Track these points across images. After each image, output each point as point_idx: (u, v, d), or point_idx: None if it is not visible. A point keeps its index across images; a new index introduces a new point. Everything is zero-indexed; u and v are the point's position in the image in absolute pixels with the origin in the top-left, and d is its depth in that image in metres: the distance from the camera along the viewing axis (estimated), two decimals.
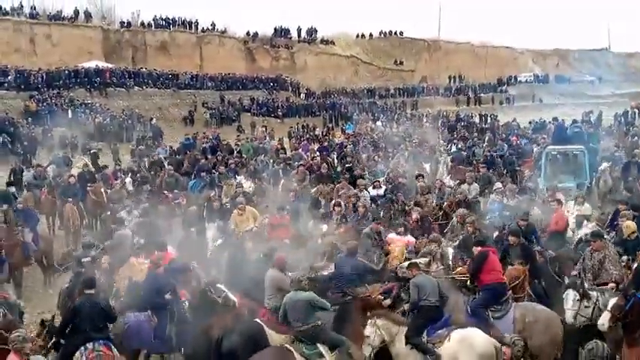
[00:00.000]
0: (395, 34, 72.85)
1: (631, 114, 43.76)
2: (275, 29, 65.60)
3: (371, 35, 72.20)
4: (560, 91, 70.35)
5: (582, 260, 11.02)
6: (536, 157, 23.67)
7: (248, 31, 64.40)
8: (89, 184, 20.49)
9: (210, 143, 31.36)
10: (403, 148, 27.61)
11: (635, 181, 19.18)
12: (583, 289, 9.99)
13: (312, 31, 67.05)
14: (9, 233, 15.14)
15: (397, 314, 10.01)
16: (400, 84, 67.14)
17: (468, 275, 10.67)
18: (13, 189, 20.19)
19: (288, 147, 32.63)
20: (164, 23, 58.13)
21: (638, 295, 9.29)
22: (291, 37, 66.42)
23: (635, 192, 17.49)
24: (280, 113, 51.22)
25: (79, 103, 40.84)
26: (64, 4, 54.85)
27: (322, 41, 67.51)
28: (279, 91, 56.76)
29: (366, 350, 9.51)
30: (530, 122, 39.25)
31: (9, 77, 40.46)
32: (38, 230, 16.76)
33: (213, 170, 22.45)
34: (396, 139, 32.07)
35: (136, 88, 47.76)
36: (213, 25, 61.37)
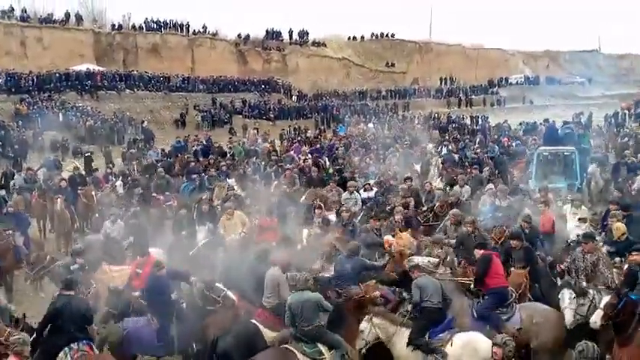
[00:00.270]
0: (386, 36, 72.95)
1: (621, 115, 44.07)
2: (267, 31, 65.56)
3: (362, 37, 72.33)
4: (550, 93, 70.61)
5: (573, 261, 11.04)
6: (528, 158, 23.78)
7: (239, 34, 64.39)
8: (80, 188, 20.40)
9: (201, 146, 31.33)
10: (394, 149, 27.65)
11: (624, 181, 19.31)
12: (579, 287, 10.06)
13: (303, 34, 67.04)
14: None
15: (395, 315, 9.93)
16: (392, 86, 67.17)
17: (471, 279, 10.66)
18: (3, 192, 20.13)
19: (279, 149, 32.57)
20: (155, 26, 58.01)
21: (631, 295, 9.35)
22: (282, 40, 66.37)
23: (626, 192, 17.59)
24: (272, 115, 51.13)
25: (70, 106, 40.76)
26: (55, 7, 54.56)
27: (314, 43, 67.50)
28: (271, 94, 56.68)
29: (359, 344, 9.52)
30: (520, 124, 39.40)
31: (0, 80, 40.31)
32: (29, 234, 16.70)
33: (204, 173, 22.39)
34: (387, 140, 32.10)
35: (128, 90, 47.65)
36: (205, 27, 61.36)
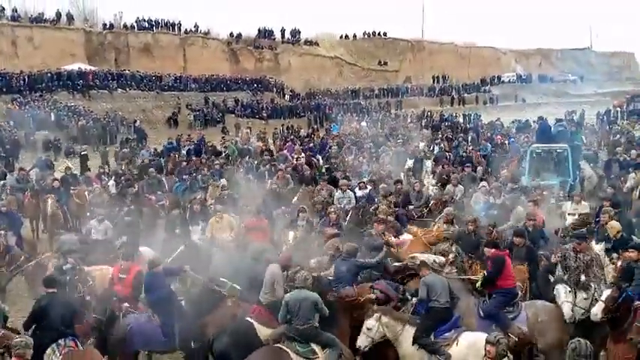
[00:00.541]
0: (379, 34, 73.08)
1: (613, 112, 44.32)
2: (259, 30, 65.54)
3: (355, 36, 72.41)
4: (542, 91, 71.04)
5: (564, 258, 11.03)
6: (521, 155, 23.82)
7: (231, 33, 64.39)
8: (72, 188, 20.32)
9: (193, 145, 31.29)
10: (387, 148, 27.64)
11: (617, 178, 19.38)
12: (581, 282, 10.08)
13: (295, 32, 67.07)
14: None
15: (402, 313, 9.89)
16: (384, 84, 67.35)
17: (477, 276, 10.59)
18: None
19: (273, 148, 32.53)
20: (147, 25, 57.91)
21: (629, 291, 9.41)
22: (274, 39, 66.39)
23: (618, 188, 17.65)
24: (265, 114, 51.19)
25: (62, 105, 40.71)
26: (46, 6, 54.45)
27: (306, 42, 67.57)
28: (264, 93, 56.74)
29: (364, 341, 9.41)
30: (513, 121, 39.47)
31: None
32: (22, 234, 16.61)
33: (195, 172, 22.33)
34: (380, 139, 32.08)
35: (120, 90, 47.63)
36: (197, 26, 61.35)
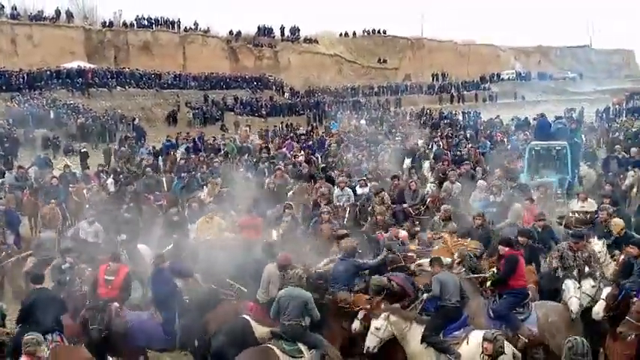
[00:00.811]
0: (378, 32, 73.01)
1: (612, 110, 44.30)
2: (258, 28, 65.42)
3: (354, 34, 72.33)
4: (542, 88, 71.00)
5: (561, 259, 10.99)
6: (520, 152, 23.83)
7: (231, 30, 64.27)
8: (71, 186, 20.32)
9: (192, 143, 31.35)
10: (386, 145, 27.65)
11: (615, 175, 19.40)
12: (584, 273, 10.18)
13: (295, 30, 66.99)
14: None
15: (408, 311, 9.80)
16: (384, 82, 67.17)
17: (488, 274, 10.55)
18: None
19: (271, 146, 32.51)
20: (146, 23, 57.81)
21: (627, 287, 9.47)
22: (274, 36, 66.26)
23: (617, 186, 17.67)
24: (264, 112, 51.15)
25: (61, 103, 40.62)
26: (45, 4, 54.59)
27: (305, 40, 67.47)
28: (263, 90, 56.62)
29: (372, 341, 9.32)
30: (512, 119, 39.44)
31: None
32: (20, 232, 16.63)
33: (194, 170, 22.35)
34: (379, 137, 32.10)
35: (119, 88, 47.54)
36: (196, 24, 61.23)
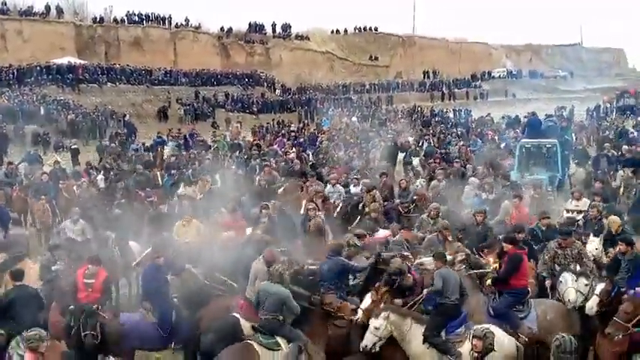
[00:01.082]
0: (370, 29, 73.03)
1: (603, 108, 44.52)
2: (249, 25, 65.35)
3: (346, 31, 72.33)
4: (533, 86, 71.37)
5: (552, 259, 11.00)
6: (512, 150, 23.90)
7: (222, 27, 64.15)
8: (61, 182, 20.23)
9: (183, 140, 31.31)
10: (377, 142, 27.66)
11: (605, 173, 19.50)
12: (577, 271, 10.22)
13: (286, 27, 66.91)
14: None
15: (409, 310, 9.74)
16: (375, 79, 67.27)
17: (488, 270, 10.54)
18: None
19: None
20: (137, 19, 57.68)
21: (619, 284, 9.57)
22: (265, 33, 66.14)
23: (607, 183, 17.78)
24: (255, 109, 51.12)
25: (51, 99, 40.43)
26: None
27: (297, 37, 67.40)
28: (254, 87, 56.53)
29: (371, 340, 9.19)
30: (503, 117, 39.54)
31: None
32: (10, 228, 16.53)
33: (184, 167, 22.30)
34: (370, 134, 32.12)
35: (109, 84, 47.42)
36: (187, 20, 61.08)
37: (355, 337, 9.72)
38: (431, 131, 33.96)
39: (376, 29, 73.19)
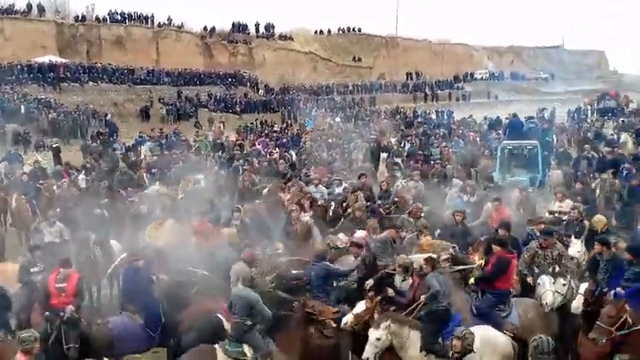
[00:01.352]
0: (353, 30, 73.09)
1: (583, 110, 44.90)
2: (233, 24, 65.16)
3: (329, 31, 72.35)
4: (515, 88, 71.85)
5: (532, 260, 11.04)
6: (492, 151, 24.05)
7: (205, 26, 63.85)
8: (40, 182, 20.06)
9: (164, 139, 31.20)
10: (359, 143, 27.72)
11: (584, 175, 19.68)
12: (555, 271, 10.30)
13: (270, 27, 66.76)
14: None
15: (406, 317, 9.55)
16: (358, 80, 67.35)
17: (473, 265, 10.63)
18: None
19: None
20: (119, 17, 57.29)
21: (600, 284, 9.67)
22: (249, 33, 65.93)
23: (587, 184, 17.95)
24: (238, 109, 50.98)
25: (32, 98, 40.07)
26: None
27: (280, 37, 67.27)
28: (237, 87, 56.32)
29: (371, 352, 9.00)
30: (485, 118, 39.74)
31: None
32: None
33: (165, 167, 22.24)
34: (353, 135, 32.19)
35: (91, 83, 47.03)
36: (170, 19, 60.71)
37: (344, 346, 9.65)
38: (413, 132, 34.08)
39: (360, 30, 73.33)
